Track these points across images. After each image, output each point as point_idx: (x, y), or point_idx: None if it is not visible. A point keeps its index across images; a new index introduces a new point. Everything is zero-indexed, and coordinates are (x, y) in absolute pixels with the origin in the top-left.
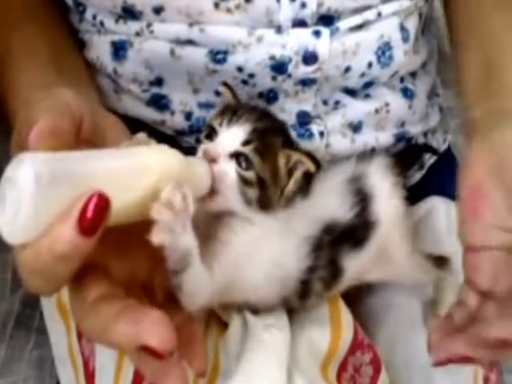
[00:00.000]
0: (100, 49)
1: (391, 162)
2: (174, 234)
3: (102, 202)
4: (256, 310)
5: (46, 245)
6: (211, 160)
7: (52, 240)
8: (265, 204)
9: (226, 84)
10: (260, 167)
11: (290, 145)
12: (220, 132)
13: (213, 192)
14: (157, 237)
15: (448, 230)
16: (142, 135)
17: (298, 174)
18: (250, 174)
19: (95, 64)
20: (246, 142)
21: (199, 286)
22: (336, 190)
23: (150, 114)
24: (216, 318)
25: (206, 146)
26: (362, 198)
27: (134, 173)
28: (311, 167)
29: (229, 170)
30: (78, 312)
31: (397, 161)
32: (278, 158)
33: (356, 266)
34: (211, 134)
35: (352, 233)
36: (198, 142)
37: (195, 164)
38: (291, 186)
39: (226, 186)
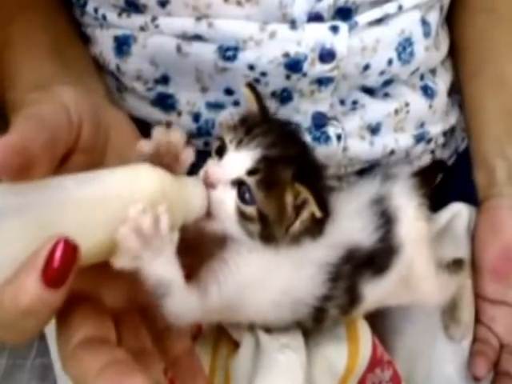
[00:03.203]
0: (103, 44)
1: (416, 181)
2: (141, 261)
3: (70, 249)
4: (269, 329)
5: (9, 297)
6: (209, 185)
7: (15, 292)
8: (267, 239)
9: (249, 85)
10: (263, 203)
11: (302, 177)
12: (228, 152)
13: (210, 215)
14: (117, 261)
15: (467, 234)
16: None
17: (305, 214)
18: (251, 210)
19: (98, 60)
20: (251, 171)
21: (184, 308)
22: (358, 213)
23: (155, 115)
24: (226, 336)
25: (207, 167)
26: (386, 221)
27: (109, 205)
28: (316, 212)
29: (227, 200)
30: (62, 352)
31: (421, 180)
32: (285, 194)
33: (377, 293)
34: (222, 149)
35: (374, 259)
36: (207, 145)
37: (189, 185)
38: (297, 225)
39: (223, 214)
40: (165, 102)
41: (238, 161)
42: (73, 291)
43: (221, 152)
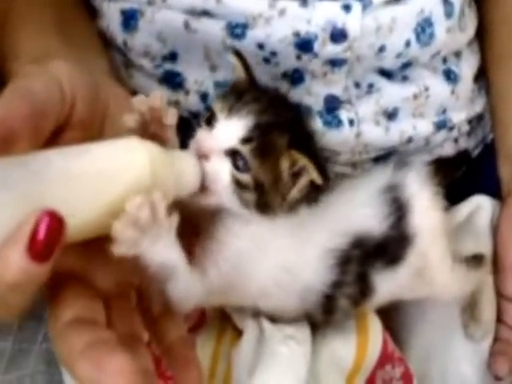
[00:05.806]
0: (110, 18)
1: (432, 169)
2: (140, 248)
3: (55, 222)
4: (274, 318)
5: None
6: (202, 156)
7: (0, 267)
8: (264, 208)
9: (237, 53)
10: (258, 171)
11: (298, 144)
12: (219, 121)
13: (204, 189)
14: (116, 249)
15: (490, 229)
16: (158, 94)
17: (302, 182)
18: (246, 178)
19: (105, 34)
20: (245, 140)
21: (188, 291)
22: (368, 200)
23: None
24: (231, 323)
25: (199, 136)
26: (398, 209)
27: (97, 180)
28: (317, 179)
29: (222, 170)
30: (51, 330)
31: (441, 170)
32: (280, 161)
33: (390, 284)
34: (211, 119)
35: (386, 248)
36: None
37: (181, 158)
38: (294, 193)
39: (218, 186)
40: (172, 80)
41: (231, 129)
42: (65, 271)
43: (210, 121)
